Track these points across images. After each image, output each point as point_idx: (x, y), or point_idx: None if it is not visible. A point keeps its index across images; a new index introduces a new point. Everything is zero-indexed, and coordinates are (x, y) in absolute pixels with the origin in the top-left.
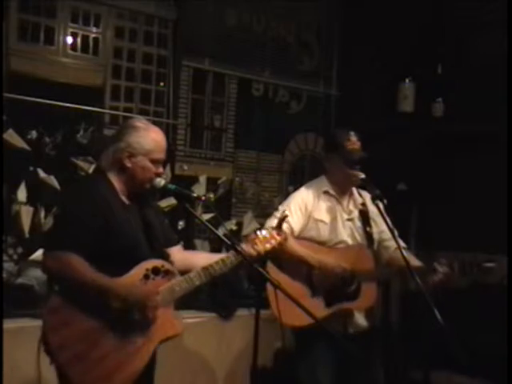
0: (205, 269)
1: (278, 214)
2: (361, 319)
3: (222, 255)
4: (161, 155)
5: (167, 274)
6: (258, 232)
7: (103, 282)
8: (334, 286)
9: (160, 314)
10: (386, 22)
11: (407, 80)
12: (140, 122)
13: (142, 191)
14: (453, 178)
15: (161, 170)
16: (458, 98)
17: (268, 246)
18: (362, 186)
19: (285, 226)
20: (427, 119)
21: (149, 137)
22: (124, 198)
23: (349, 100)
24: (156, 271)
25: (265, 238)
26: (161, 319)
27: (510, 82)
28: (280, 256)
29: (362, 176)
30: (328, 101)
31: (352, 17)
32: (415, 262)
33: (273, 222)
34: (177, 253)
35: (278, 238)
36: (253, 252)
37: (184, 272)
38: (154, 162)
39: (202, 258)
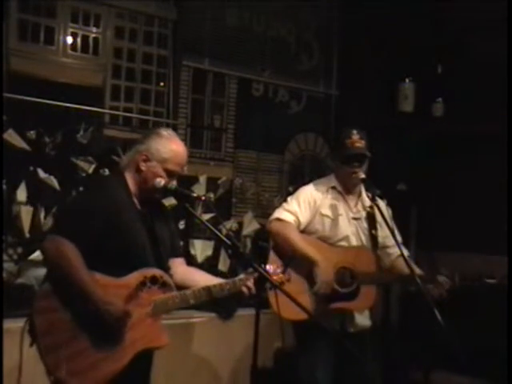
0: (202, 290)
1: (286, 206)
2: (360, 319)
3: (222, 280)
4: (176, 167)
5: (164, 285)
6: (262, 266)
7: (88, 284)
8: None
9: (148, 324)
10: (385, 21)
11: (407, 80)
12: (166, 132)
13: (152, 198)
14: (453, 178)
15: (174, 183)
16: (457, 98)
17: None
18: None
19: (293, 218)
20: (427, 119)
21: (168, 146)
22: (136, 201)
23: (349, 100)
24: (154, 280)
25: (267, 273)
26: (147, 329)
27: (510, 81)
28: (282, 247)
29: (362, 176)
30: (328, 101)
31: (352, 17)
32: (416, 270)
33: (280, 212)
34: (178, 265)
35: (282, 276)
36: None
37: (181, 286)
38: (168, 172)
39: (202, 278)
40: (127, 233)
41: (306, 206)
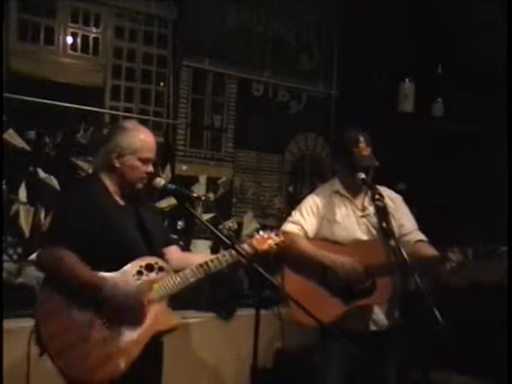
0: (200, 266)
1: (290, 218)
2: (382, 317)
3: (218, 254)
4: (149, 154)
5: (161, 270)
6: (256, 232)
7: (95, 279)
8: (349, 284)
9: (152, 310)
10: (386, 21)
11: (407, 80)
12: (129, 123)
13: (134, 191)
14: (453, 178)
15: (150, 168)
16: (457, 98)
17: (265, 246)
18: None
19: (297, 227)
20: (427, 119)
21: (136, 136)
22: (118, 198)
23: (349, 100)
24: (150, 268)
25: (263, 238)
26: (153, 315)
27: (510, 81)
28: (294, 258)
29: (362, 176)
30: (328, 101)
31: (352, 17)
32: (431, 251)
33: (285, 225)
34: (173, 252)
35: (276, 238)
36: (249, 251)
37: (180, 271)
38: (143, 161)
39: (198, 258)
40: (117, 232)
41: (309, 215)
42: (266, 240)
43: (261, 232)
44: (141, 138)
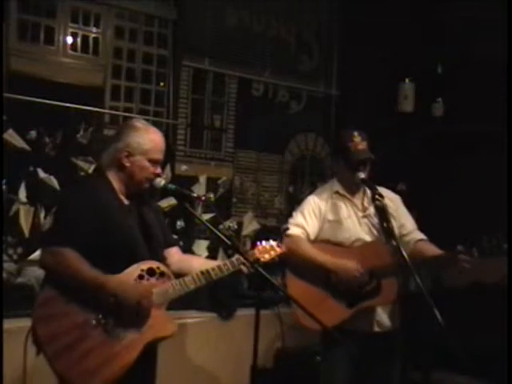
0: (201, 274)
1: (291, 221)
2: (385, 318)
3: (220, 262)
4: (159, 155)
5: (162, 276)
6: (258, 242)
7: (98, 278)
8: (353, 286)
9: (151, 315)
10: (386, 21)
11: (407, 80)
12: (139, 123)
13: (140, 191)
14: (453, 178)
15: (159, 170)
16: (457, 98)
17: (267, 256)
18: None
19: (300, 231)
20: (427, 119)
21: (147, 137)
22: (123, 198)
23: (349, 100)
24: (151, 272)
25: (264, 248)
26: (152, 320)
27: (510, 81)
28: (296, 262)
29: (362, 176)
30: (328, 101)
31: (352, 17)
32: (435, 251)
33: (290, 229)
34: (174, 254)
35: (278, 249)
36: (251, 261)
37: (179, 274)
38: (152, 162)
39: (198, 263)
40: (120, 231)
41: (311, 216)
42: (269, 251)
43: (263, 242)
44: (152, 139)
